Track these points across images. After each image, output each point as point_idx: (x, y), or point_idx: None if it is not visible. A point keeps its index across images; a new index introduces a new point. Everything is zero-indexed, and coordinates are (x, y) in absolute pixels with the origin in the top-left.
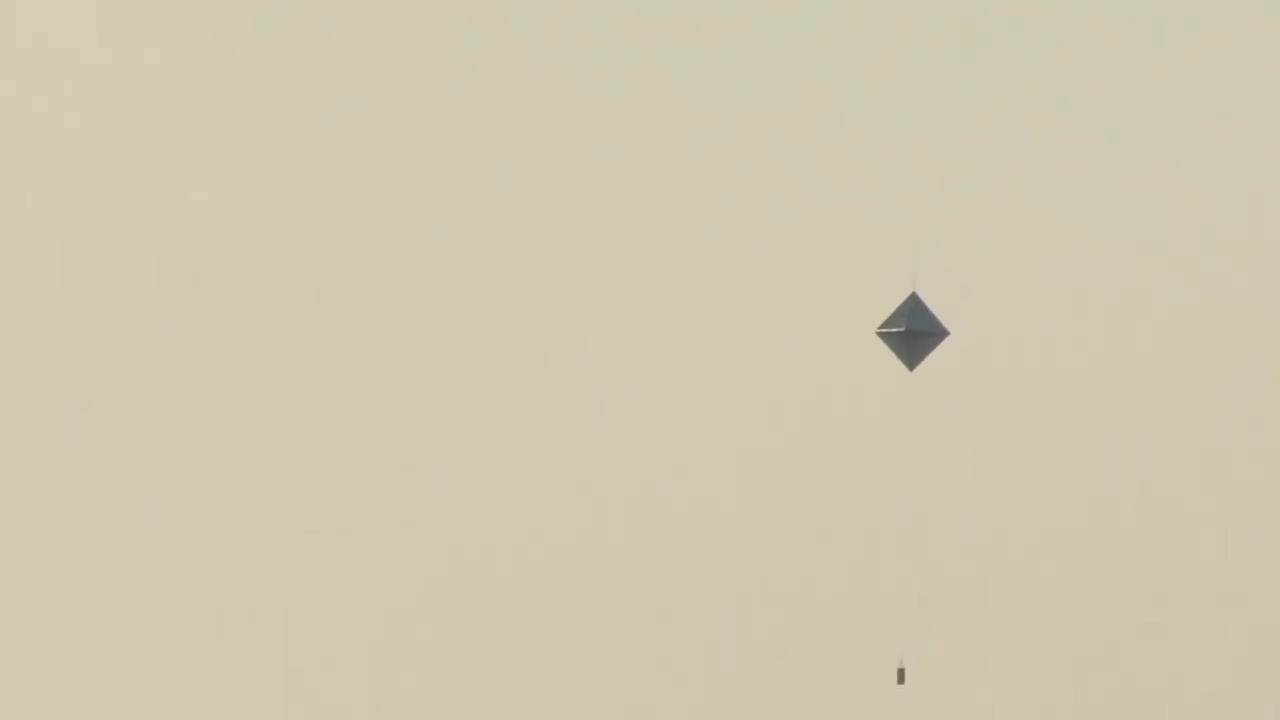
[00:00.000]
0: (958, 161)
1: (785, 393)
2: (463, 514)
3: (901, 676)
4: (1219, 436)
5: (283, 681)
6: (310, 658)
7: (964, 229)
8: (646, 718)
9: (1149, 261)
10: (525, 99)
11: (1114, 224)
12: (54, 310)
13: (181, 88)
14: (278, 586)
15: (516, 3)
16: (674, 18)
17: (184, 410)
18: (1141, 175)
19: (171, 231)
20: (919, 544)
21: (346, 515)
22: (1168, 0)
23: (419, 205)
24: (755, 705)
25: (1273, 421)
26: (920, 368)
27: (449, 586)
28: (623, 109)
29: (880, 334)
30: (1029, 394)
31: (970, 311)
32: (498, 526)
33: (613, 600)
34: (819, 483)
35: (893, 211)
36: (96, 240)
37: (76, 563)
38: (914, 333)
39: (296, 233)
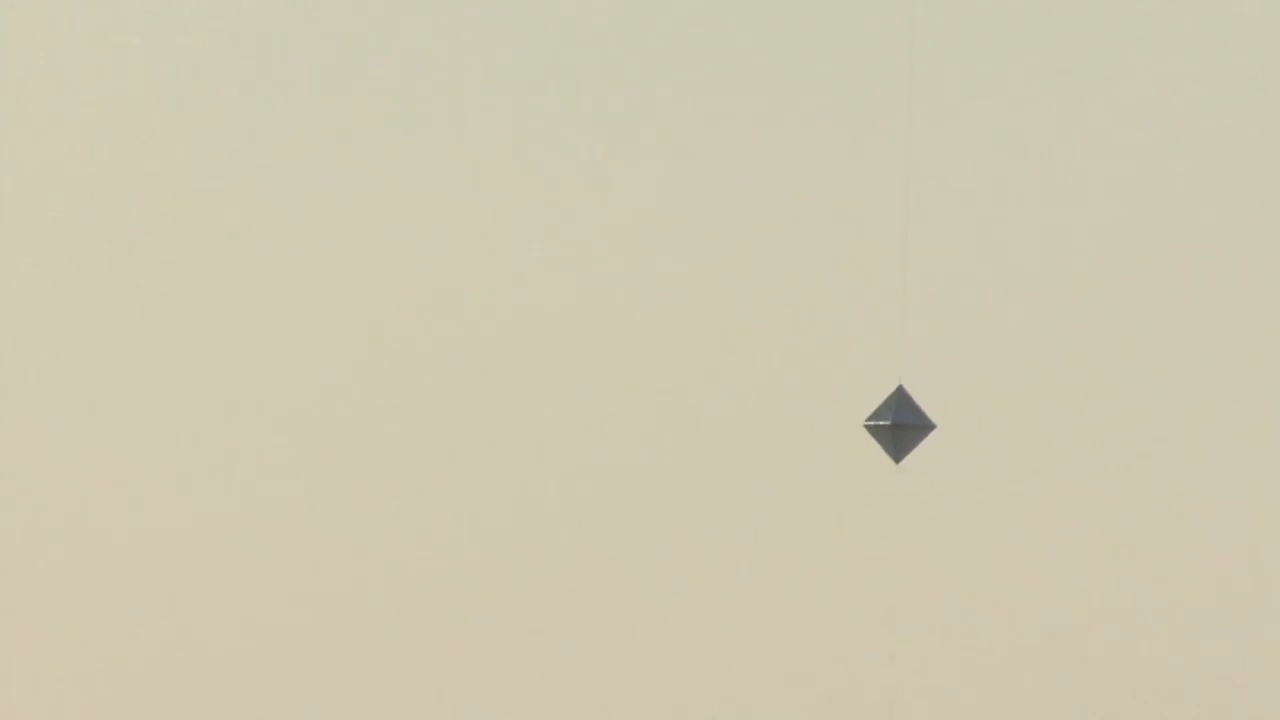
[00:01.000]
0: (944, 252)
1: (769, 486)
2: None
3: None
4: (1220, 534)
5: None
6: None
7: (951, 322)
8: None
9: (1144, 354)
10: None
11: (1106, 317)
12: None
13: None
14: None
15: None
16: (629, 97)
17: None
18: (1135, 262)
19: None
20: (906, 639)
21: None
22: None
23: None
24: None
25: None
26: (907, 460)
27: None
28: (605, 184)
29: (867, 427)
30: (1017, 488)
31: (957, 405)
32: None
33: (591, 696)
34: (804, 576)
35: (878, 304)
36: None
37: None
38: (901, 426)
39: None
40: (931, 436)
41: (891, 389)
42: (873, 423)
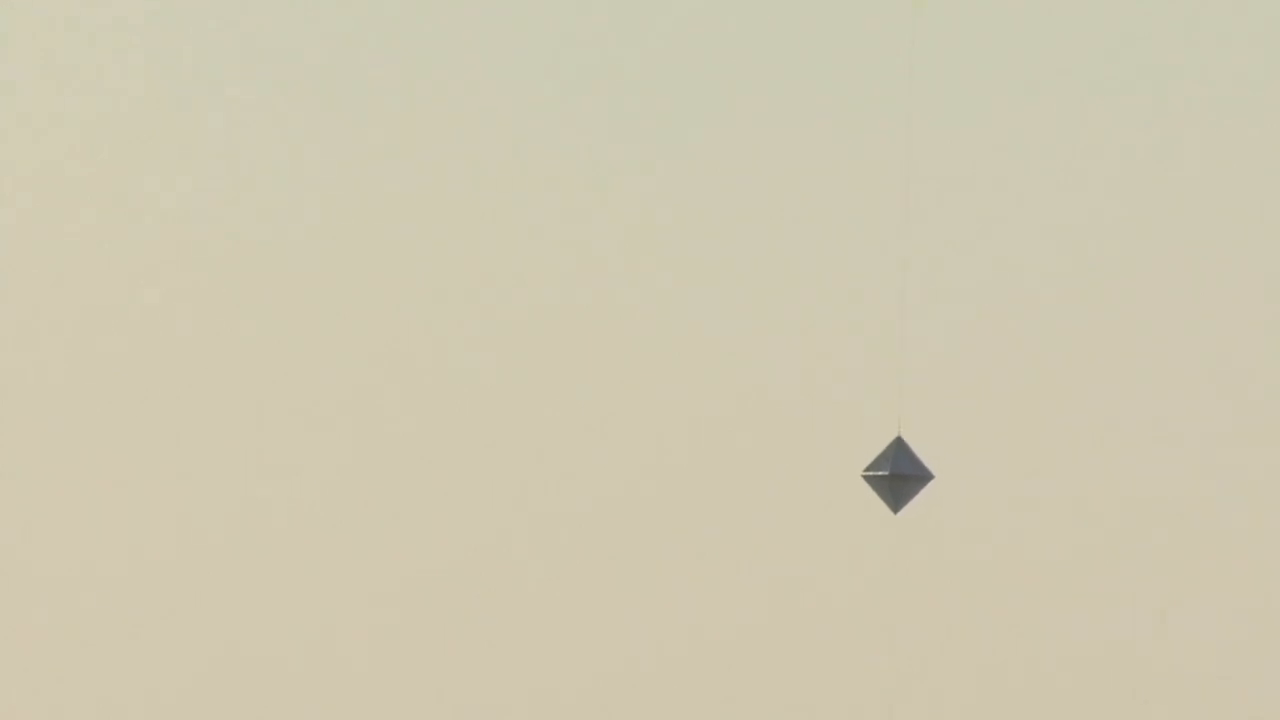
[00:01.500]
0: (943, 303)
1: (766, 537)
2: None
3: None
4: (1226, 564)
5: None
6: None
7: (949, 372)
8: None
9: (1143, 408)
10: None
11: (1104, 367)
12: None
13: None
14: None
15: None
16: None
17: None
18: (1134, 312)
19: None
20: (905, 692)
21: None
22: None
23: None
24: None
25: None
26: (905, 511)
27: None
28: (608, 238)
29: (865, 477)
30: (1016, 538)
31: (956, 455)
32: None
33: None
34: (802, 628)
35: (877, 354)
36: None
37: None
38: (899, 476)
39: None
40: (930, 487)
41: (890, 438)
42: (871, 473)
